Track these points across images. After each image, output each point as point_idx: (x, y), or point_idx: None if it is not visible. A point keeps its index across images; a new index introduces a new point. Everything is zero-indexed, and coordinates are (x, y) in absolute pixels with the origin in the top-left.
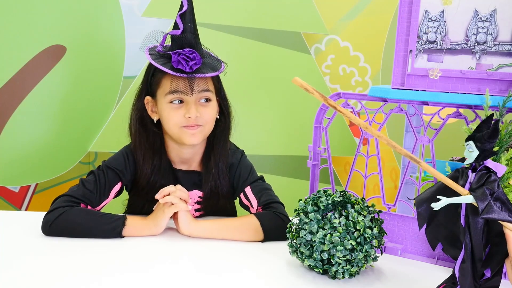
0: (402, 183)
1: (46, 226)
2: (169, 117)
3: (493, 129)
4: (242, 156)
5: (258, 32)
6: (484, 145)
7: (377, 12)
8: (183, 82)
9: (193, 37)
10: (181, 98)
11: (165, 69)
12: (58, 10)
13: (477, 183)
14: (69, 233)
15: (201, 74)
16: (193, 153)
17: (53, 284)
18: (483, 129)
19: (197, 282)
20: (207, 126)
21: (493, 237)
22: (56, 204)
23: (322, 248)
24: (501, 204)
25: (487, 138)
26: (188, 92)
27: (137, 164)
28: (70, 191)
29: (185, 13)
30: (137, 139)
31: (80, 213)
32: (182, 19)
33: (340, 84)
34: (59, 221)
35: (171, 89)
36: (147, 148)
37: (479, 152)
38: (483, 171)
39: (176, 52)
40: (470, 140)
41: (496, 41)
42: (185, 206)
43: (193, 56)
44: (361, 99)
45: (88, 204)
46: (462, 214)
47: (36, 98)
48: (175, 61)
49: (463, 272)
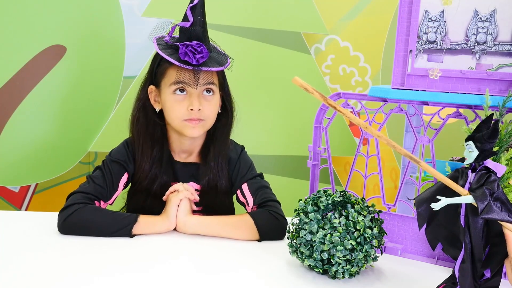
0: (402, 183)
1: (60, 223)
2: (172, 108)
3: (493, 129)
4: (242, 151)
5: (258, 32)
6: (483, 145)
7: (377, 12)
8: (189, 74)
9: (201, 30)
10: (185, 88)
11: (172, 60)
12: (58, 10)
13: (476, 183)
14: (83, 230)
15: (207, 68)
16: (193, 143)
17: (53, 284)
18: (482, 129)
19: (197, 282)
20: (209, 120)
21: (493, 237)
22: (71, 201)
23: (322, 248)
24: (501, 204)
25: (486, 138)
26: (193, 84)
27: (135, 155)
28: (82, 188)
29: (196, 6)
30: (136, 128)
31: (93, 211)
32: (192, 12)
33: (340, 84)
34: (73, 218)
35: (176, 80)
36: (145, 138)
37: (478, 152)
38: (482, 171)
39: (184, 44)
40: (470, 140)
41: (496, 41)
42: (188, 193)
43: (200, 49)
44: (361, 99)
45: (101, 198)
46: (462, 214)
47: (36, 98)
48: (182, 53)
49: (463, 272)
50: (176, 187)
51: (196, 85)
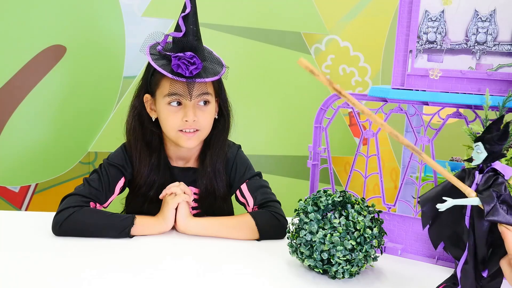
0: (402, 183)
1: (56, 226)
2: (167, 119)
3: (504, 131)
4: (238, 151)
5: (258, 32)
6: (493, 147)
7: (377, 12)
8: (182, 86)
9: (195, 39)
10: (179, 100)
11: (165, 72)
12: (58, 10)
13: (484, 185)
14: (79, 233)
15: (201, 79)
16: (190, 151)
17: (54, 284)
18: (492, 130)
19: (196, 282)
20: (204, 131)
21: (496, 239)
22: (65, 204)
23: (322, 248)
24: (507, 207)
25: (496, 140)
26: (187, 96)
27: (133, 163)
28: (77, 190)
29: (188, 15)
30: (132, 136)
31: (89, 213)
32: (184, 21)
33: (340, 84)
34: (68, 222)
35: (169, 91)
36: (142, 146)
37: (487, 154)
38: (490, 173)
39: (177, 56)
40: (479, 141)
41: (496, 41)
42: (186, 196)
43: (193, 60)
44: (361, 99)
45: (96, 201)
46: (467, 216)
47: (36, 98)
48: (175, 65)
49: (465, 273)
50: (174, 190)
51: (190, 97)
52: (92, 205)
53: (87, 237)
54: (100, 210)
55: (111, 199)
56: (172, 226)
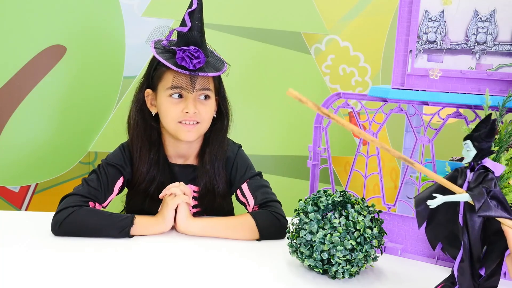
0: (402, 183)
1: (56, 226)
2: (167, 111)
3: (490, 128)
4: (238, 150)
5: (258, 32)
6: (481, 144)
7: (377, 12)
8: (185, 78)
9: (199, 35)
10: (181, 93)
11: (169, 65)
12: (58, 10)
13: (474, 182)
14: (78, 232)
15: (204, 73)
16: (190, 148)
17: (53, 284)
18: (481, 128)
19: (196, 282)
20: (204, 124)
21: (491, 236)
22: (64, 204)
23: (322, 248)
24: (498, 202)
25: (484, 137)
26: (189, 89)
27: (133, 158)
28: (76, 190)
29: (194, 11)
30: (134, 131)
31: (89, 213)
32: (190, 17)
33: (340, 84)
34: (68, 222)
35: (172, 84)
36: (143, 141)
37: (476, 151)
38: (480, 170)
39: (181, 49)
40: (468, 140)
41: (496, 41)
42: (186, 198)
43: (197, 54)
44: (361, 99)
45: (95, 201)
46: (460, 213)
47: (36, 98)
48: (179, 58)
49: (462, 272)
50: (173, 190)
51: (192, 89)
52: (91, 204)
53: (87, 237)
54: (99, 209)
55: (110, 199)
56: (171, 226)
